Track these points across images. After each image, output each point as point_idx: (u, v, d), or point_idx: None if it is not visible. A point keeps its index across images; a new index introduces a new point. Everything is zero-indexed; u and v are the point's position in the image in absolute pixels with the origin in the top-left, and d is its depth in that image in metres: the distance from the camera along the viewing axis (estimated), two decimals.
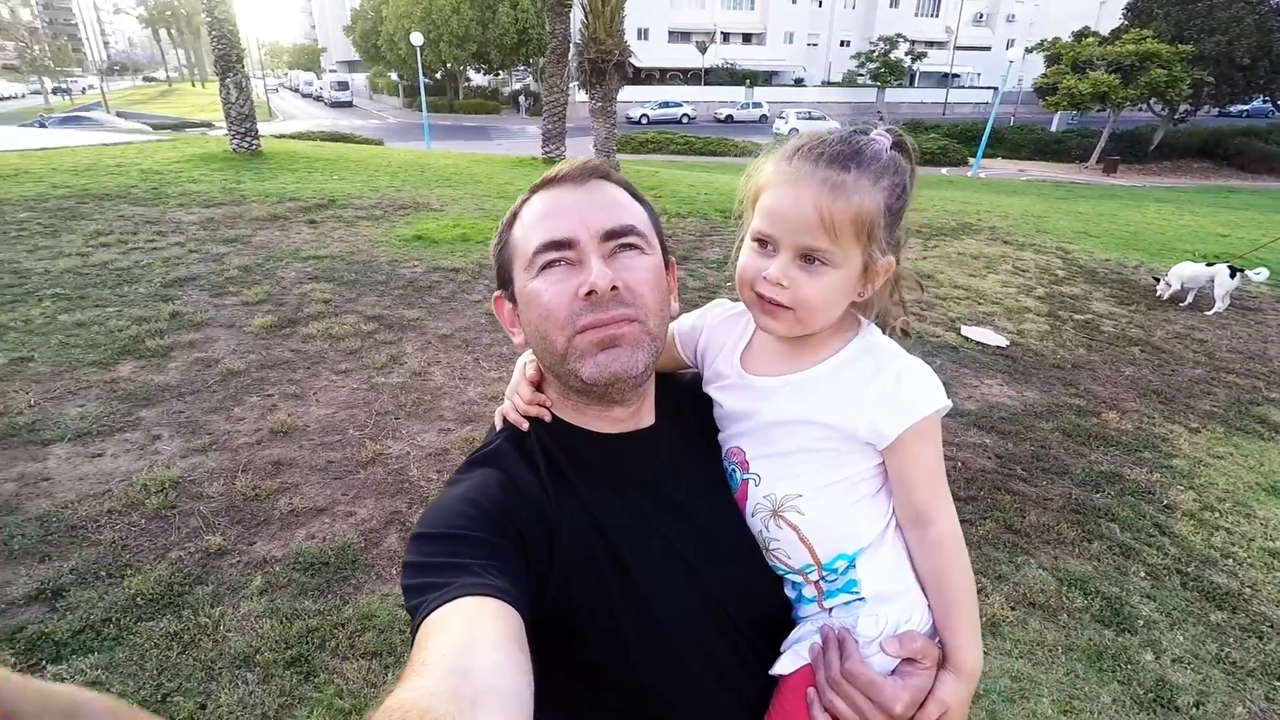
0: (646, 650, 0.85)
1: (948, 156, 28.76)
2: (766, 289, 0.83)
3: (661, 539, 0.89)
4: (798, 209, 0.80)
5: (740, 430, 0.93)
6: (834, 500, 0.87)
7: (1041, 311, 7.49)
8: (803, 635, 0.90)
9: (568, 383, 0.90)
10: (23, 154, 11.68)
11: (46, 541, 3.09)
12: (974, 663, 0.83)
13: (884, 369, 0.84)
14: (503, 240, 0.95)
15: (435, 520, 0.82)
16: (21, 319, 5.24)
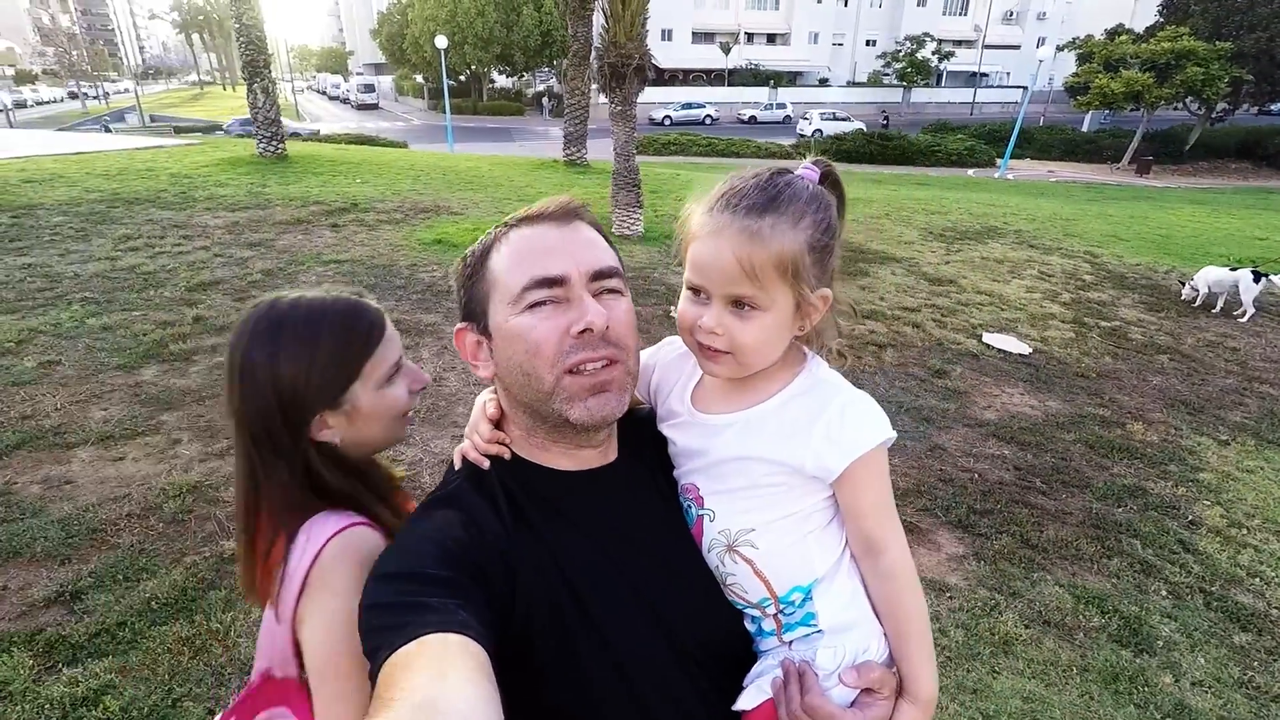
0: (605, 689, 0.85)
1: (974, 157, 28.28)
2: (704, 337, 0.85)
3: (623, 577, 0.89)
4: (720, 260, 0.82)
5: (693, 467, 0.94)
6: (787, 534, 0.88)
7: (1067, 318, 7.34)
8: (764, 670, 0.91)
9: (548, 420, 0.90)
10: (58, 158, 12.01)
11: (68, 544, 3.16)
12: (930, 691, 0.85)
13: (829, 404, 0.86)
14: (475, 272, 0.93)
15: (394, 561, 0.81)
16: (51, 323, 5.38)
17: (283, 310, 0.99)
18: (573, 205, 0.92)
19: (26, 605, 2.81)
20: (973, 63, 56.14)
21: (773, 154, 27.92)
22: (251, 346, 0.97)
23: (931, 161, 27.68)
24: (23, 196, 9.27)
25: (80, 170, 11.09)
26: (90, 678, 2.48)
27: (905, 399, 5.11)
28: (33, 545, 3.13)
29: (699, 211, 0.86)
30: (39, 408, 4.23)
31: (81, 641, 2.64)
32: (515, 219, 0.92)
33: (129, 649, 2.63)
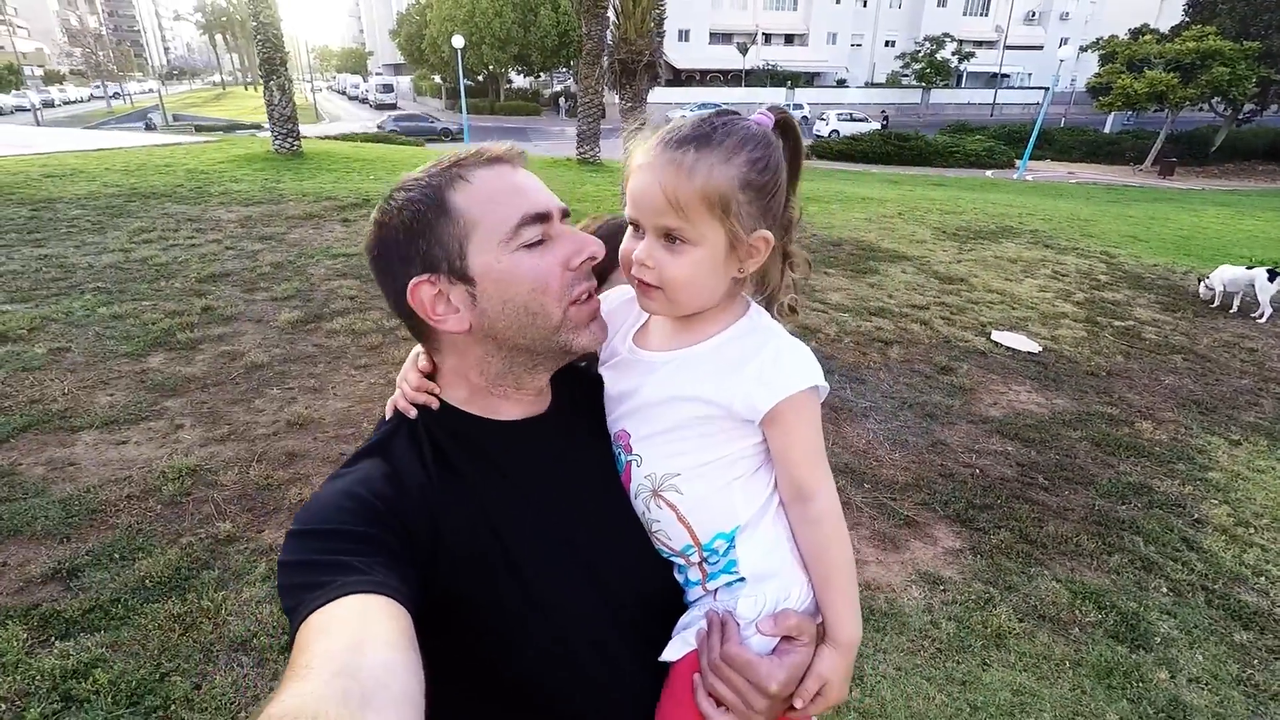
0: (536, 644, 0.84)
1: (993, 158, 27.99)
2: (636, 270, 0.85)
3: (553, 528, 0.88)
4: (649, 191, 0.81)
5: (626, 410, 0.94)
6: (712, 479, 0.88)
7: (1079, 317, 7.24)
8: (690, 621, 0.91)
9: (542, 355, 0.89)
10: (79, 154, 12.24)
11: (68, 524, 3.21)
12: (851, 635, 0.85)
13: (764, 347, 0.86)
14: (429, 214, 0.84)
15: (313, 517, 0.78)
16: (63, 311, 5.47)
17: None
18: (516, 149, 0.91)
19: (24, 581, 2.86)
20: (994, 63, 55.58)
21: None
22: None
23: (950, 163, 27.42)
24: (43, 190, 9.45)
25: (100, 166, 11.29)
26: (81, 651, 2.51)
27: (909, 395, 5.06)
28: (33, 524, 3.18)
29: (638, 146, 0.85)
30: (46, 392, 4.30)
31: (75, 617, 2.68)
32: (461, 161, 0.88)
33: (121, 625, 2.67)
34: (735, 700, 0.82)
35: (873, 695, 2.48)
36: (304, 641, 0.63)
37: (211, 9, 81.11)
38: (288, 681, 0.57)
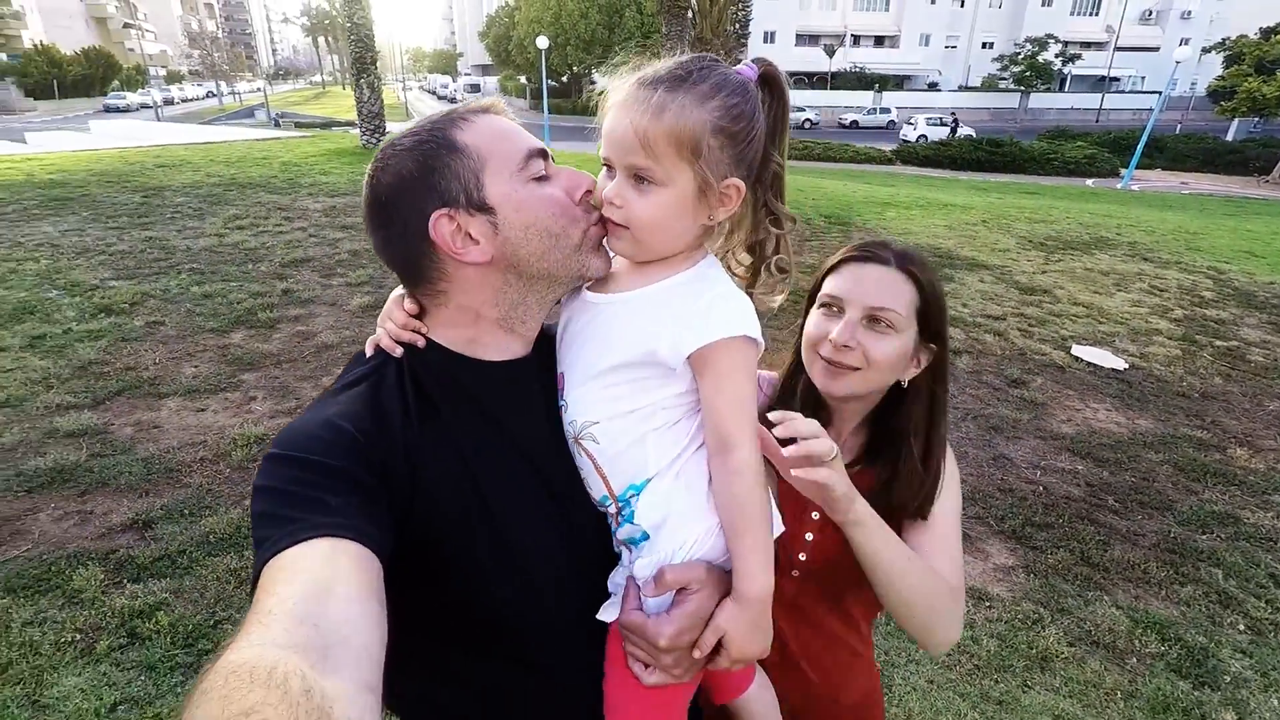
0: (505, 584, 0.85)
1: (1095, 167, 26.25)
2: (605, 208, 0.87)
3: (527, 472, 0.89)
4: (619, 128, 0.82)
5: (567, 356, 0.94)
6: (629, 429, 0.87)
7: (1175, 335, 6.72)
8: (619, 584, 0.92)
9: (560, 280, 0.91)
10: (189, 147, 13.24)
11: (147, 480, 3.48)
12: (758, 589, 0.84)
13: (701, 295, 0.85)
14: (443, 155, 0.85)
15: (295, 442, 0.77)
16: (161, 289, 5.93)
17: None
18: (501, 104, 0.94)
19: (106, 528, 3.11)
20: (1102, 66, 52.28)
21: (872, 159, 27.05)
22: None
23: (1047, 170, 25.93)
24: (154, 179, 10.27)
25: (206, 157, 12.17)
26: (148, 594, 2.73)
27: (974, 406, 4.83)
28: (118, 478, 3.46)
29: (615, 86, 0.86)
30: (140, 361, 4.67)
31: (146, 563, 2.90)
32: (455, 111, 0.90)
33: (184, 574, 2.87)
34: (649, 659, 0.85)
35: (900, 706, 2.38)
36: (269, 583, 0.62)
37: (316, 12, 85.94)
38: (249, 626, 0.56)
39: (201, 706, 0.46)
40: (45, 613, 2.61)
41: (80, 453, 3.62)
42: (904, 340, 1.08)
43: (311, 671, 0.50)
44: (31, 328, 5.06)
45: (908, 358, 1.10)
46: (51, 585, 2.75)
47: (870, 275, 1.10)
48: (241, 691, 0.46)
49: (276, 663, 0.49)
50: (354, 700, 0.52)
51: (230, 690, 0.46)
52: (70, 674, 2.36)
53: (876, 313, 1.07)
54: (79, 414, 3.97)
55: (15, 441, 3.69)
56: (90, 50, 58.15)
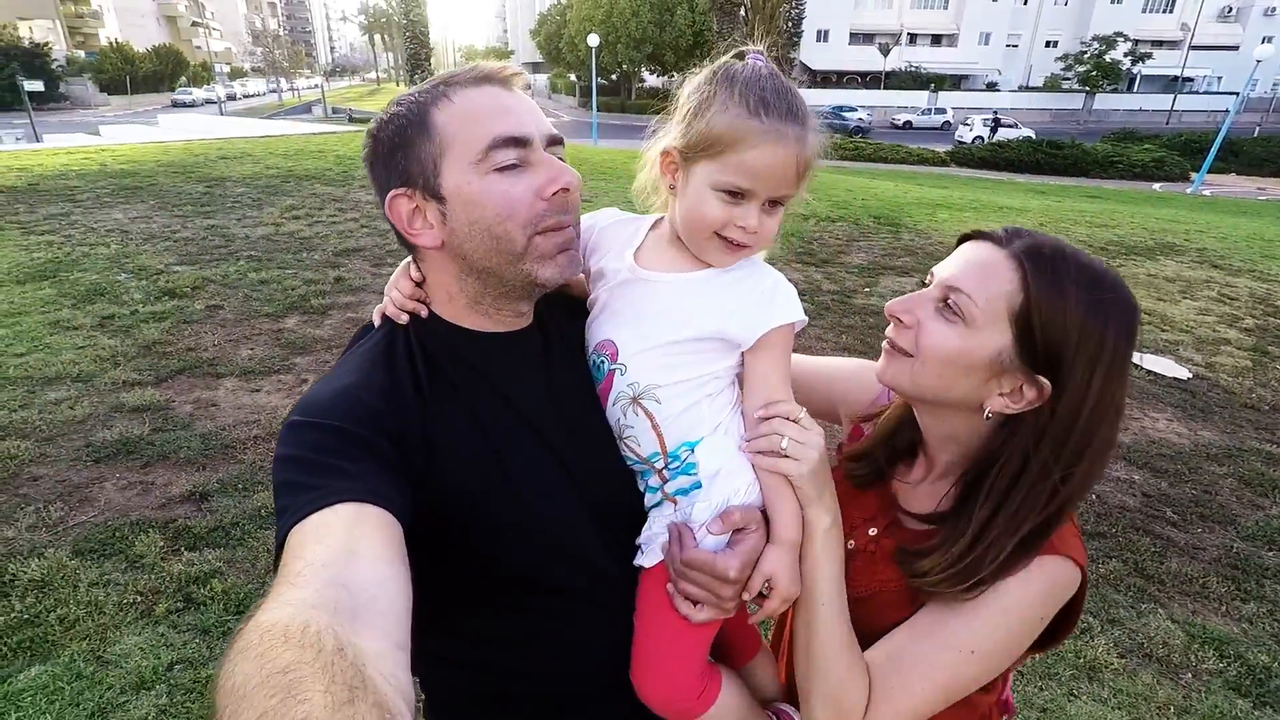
0: (523, 542, 0.88)
1: (1164, 170, 25.12)
2: (742, 236, 0.89)
3: (535, 434, 0.91)
4: (782, 165, 0.86)
5: (618, 323, 0.97)
6: (688, 394, 0.94)
7: (1245, 345, 6.40)
8: (655, 532, 0.98)
9: (508, 283, 0.89)
10: (250, 140, 13.72)
11: (205, 455, 3.62)
12: (790, 534, 0.92)
13: (764, 280, 0.95)
14: (410, 130, 0.85)
15: (314, 409, 0.79)
16: (221, 274, 6.17)
17: None
18: (511, 70, 0.90)
19: (166, 499, 3.26)
20: (1175, 65, 50.02)
21: (925, 160, 26.42)
22: None
23: (1111, 173, 24.94)
24: (217, 170, 10.69)
25: (265, 150, 12.62)
26: (204, 563, 2.85)
27: None
28: (178, 452, 3.62)
29: (735, 113, 0.85)
30: (200, 342, 4.87)
31: (202, 533, 3.03)
32: (453, 79, 0.88)
33: (237, 545, 2.98)
34: (705, 595, 0.90)
35: None
36: (296, 546, 0.63)
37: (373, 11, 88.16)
38: (280, 587, 0.57)
39: (239, 664, 0.47)
40: (109, 575, 2.75)
41: (144, 427, 3.80)
42: (973, 340, 0.87)
43: (343, 630, 0.51)
44: (102, 308, 5.32)
45: (981, 369, 0.88)
46: (116, 550, 2.89)
47: (968, 253, 0.92)
48: (277, 650, 0.47)
49: (309, 622, 0.50)
50: (385, 657, 0.54)
51: (266, 649, 0.47)
52: (131, 633, 2.48)
53: (948, 292, 0.89)
54: (143, 390, 4.16)
55: (85, 414, 3.89)
56: (161, 48, 60.79)
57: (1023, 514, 0.85)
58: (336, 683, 0.44)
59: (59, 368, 4.37)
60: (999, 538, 0.85)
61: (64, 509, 3.12)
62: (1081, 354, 0.83)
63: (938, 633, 0.88)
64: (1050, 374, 0.85)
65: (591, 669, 0.97)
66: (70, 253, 6.58)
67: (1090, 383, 0.83)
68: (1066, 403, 0.84)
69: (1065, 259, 0.86)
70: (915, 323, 0.91)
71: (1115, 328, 0.83)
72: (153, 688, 2.27)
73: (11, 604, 2.56)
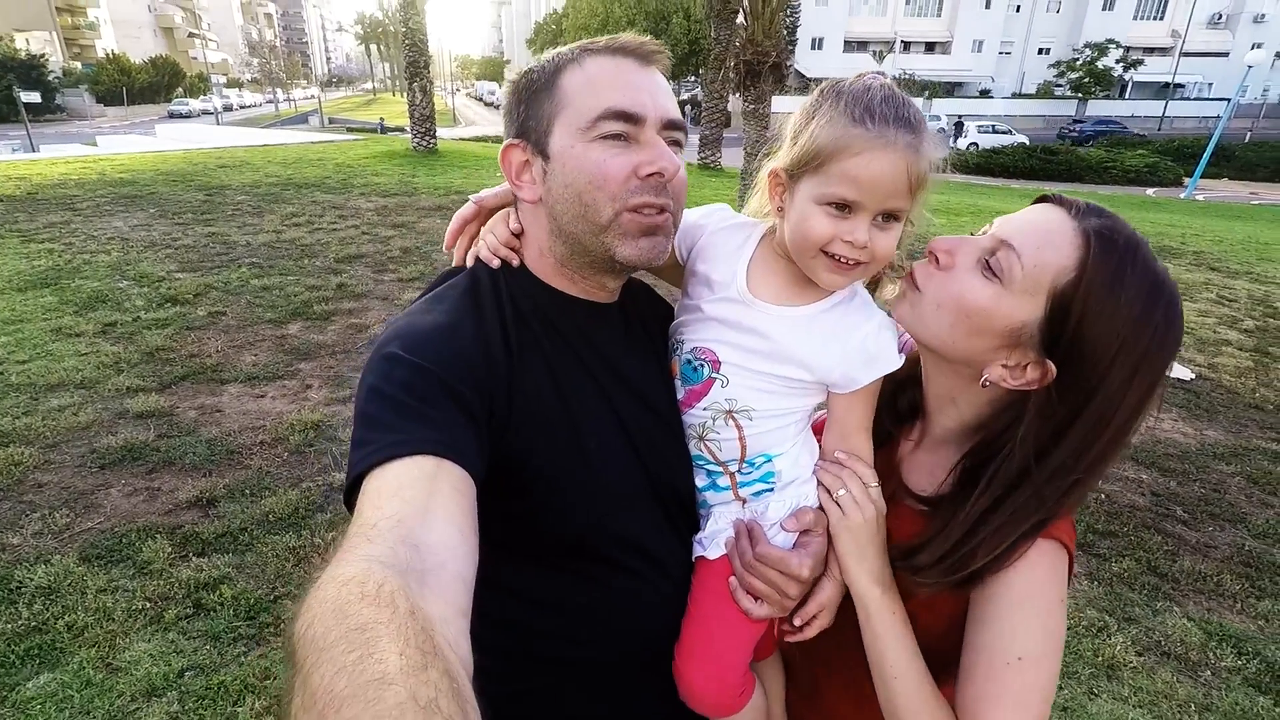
0: (582, 505, 0.88)
1: (1157, 175, 25.33)
2: (851, 251, 0.85)
3: (610, 408, 0.91)
4: (891, 174, 0.81)
5: (723, 338, 0.96)
6: (778, 418, 0.96)
7: (1246, 346, 6.43)
8: (720, 527, 0.99)
9: (591, 254, 0.89)
10: (249, 149, 13.74)
11: (211, 461, 3.60)
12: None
13: (867, 321, 0.93)
14: (541, 89, 0.88)
15: (409, 344, 0.79)
16: (223, 281, 6.16)
17: None
18: (654, 46, 0.90)
19: (173, 505, 3.23)
20: (1166, 72, 50.43)
21: None
22: None
23: (1105, 179, 25.12)
24: (217, 179, 10.71)
25: (264, 159, 12.65)
26: (213, 568, 2.82)
27: None
28: (184, 458, 3.59)
29: (838, 123, 0.82)
30: (204, 349, 4.85)
31: (210, 539, 3.00)
32: (595, 45, 0.90)
33: (246, 550, 2.96)
34: (770, 592, 0.91)
35: None
36: (373, 494, 0.65)
37: (369, 21, 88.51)
38: (355, 539, 0.59)
39: (319, 615, 0.48)
40: (117, 581, 2.72)
41: (149, 433, 3.77)
42: (1002, 303, 0.82)
43: (414, 593, 0.52)
44: (104, 315, 5.30)
45: (995, 335, 0.83)
46: (123, 556, 2.87)
47: (1036, 214, 0.87)
48: (355, 605, 0.48)
49: (384, 581, 0.51)
50: (449, 623, 0.55)
51: (344, 603, 0.48)
52: (141, 640, 2.45)
53: (999, 245, 0.84)
54: (147, 397, 4.14)
55: (89, 421, 3.86)
56: (158, 59, 60.90)
57: (1030, 508, 0.81)
58: (411, 645, 0.45)
59: (61, 374, 4.34)
60: (999, 530, 0.81)
61: (70, 515, 3.10)
62: (1124, 358, 0.78)
63: (980, 665, 0.82)
64: (1073, 367, 0.80)
65: (626, 644, 0.96)
66: (71, 260, 6.56)
67: (1128, 389, 0.79)
68: (1099, 405, 0.79)
69: (1137, 255, 0.80)
70: (951, 265, 0.87)
71: (1161, 341, 0.79)
72: (164, 695, 2.24)
73: (19, 611, 2.53)
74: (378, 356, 0.79)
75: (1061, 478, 0.81)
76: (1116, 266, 0.78)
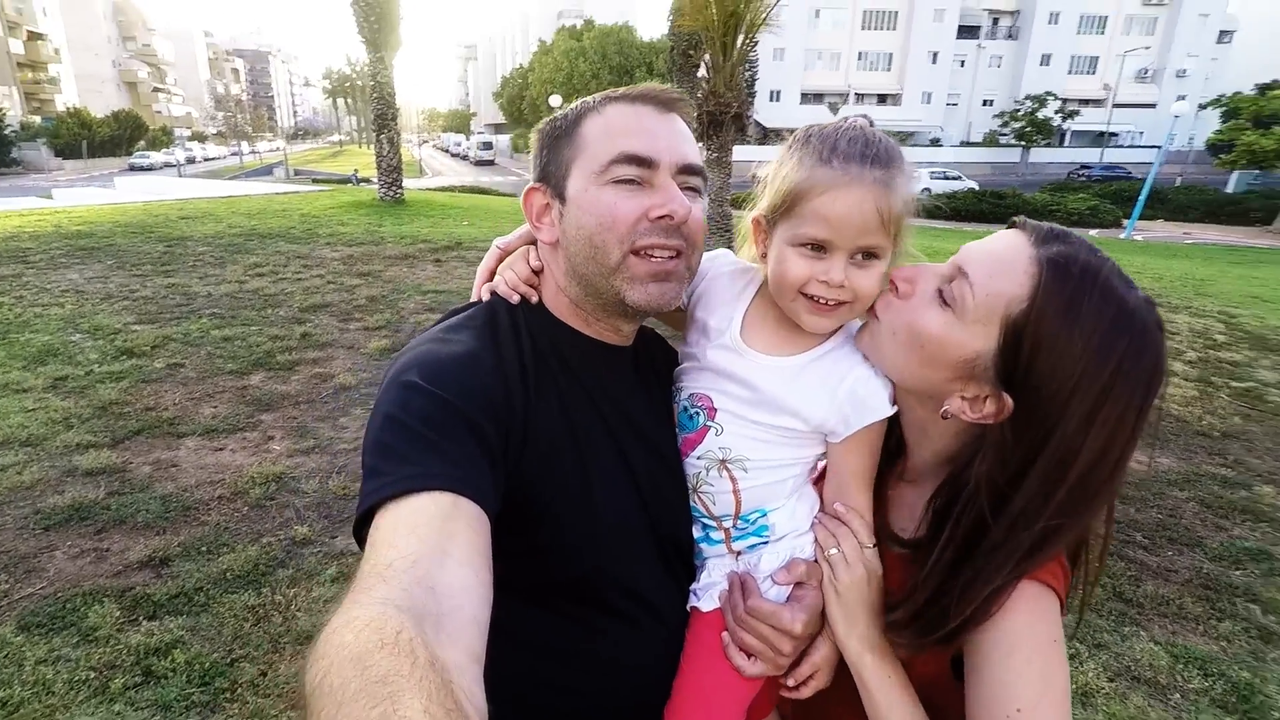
0: (585, 548, 0.87)
1: (1098, 218, 26.59)
2: (828, 291, 0.84)
3: (618, 450, 0.91)
4: (859, 211, 0.81)
5: (718, 386, 0.95)
6: (775, 471, 0.94)
7: (1190, 376, 6.68)
8: (714, 580, 0.97)
9: (602, 296, 0.90)
10: (212, 200, 13.63)
11: (164, 518, 3.46)
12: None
13: (853, 369, 0.90)
14: (563, 135, 0.91)
15: (428, 373, 0.78)
16: (182, 332, 6.03)
17: None
18: (674, 95, 0.92)
19: (122, 565, 3.09)
20: (1100, 122, 53.40)
21: None
22: None
23: (1050, 221, 26.12)
24: (178, 230, 10.56)
25: (228, 210, 12.54)
26: (164, 632, 2.69)
27: None
28: (136, 516, 3.45)
29: (807, 164, 0.83)
30: (160, 402, 4.71)
31: (162, 600, 2.87)
32: (616, 94, 0.92)
33: (201, 611, 2.83)
34: (763, 648, 0.88)
35: None
36: (388, 531, 0.64)
37: (337, 76, 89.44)
38: (369, 579, 0.58)
39: (336, 664, 0.47)
40: (59, 651, 2.58)
41: (98, 491, 3.63)
42: (955, 333, 0.80)
43: (430, 639, 0.52)
44: (55, 370, 5.12)
45: (949, 366, 0.81)
46: (66, 623, 2.72)
47: (996, 240, 0.84)
48: (374, 655, 0.47)
49: (401, 627, 0.50)
50: (464, 671, 0.54)
51: (363, 652, 0.48)
52: (83, 713, 2.31)
53: (956, 273, 0.82)
54: (98, 453, 3.99)
55: (34, 480, 3.70)
56: (120, 112, 60.39)
57: (1000, 561, 0.76)
58: (434, 701, 0.45)
59: (6, 432, 4.17)
60: (969, 586, 0.76)
61: (8, 581, 2.94)
62: (1083, 393, 0.73)
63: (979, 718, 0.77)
64: (1029, 402, 0.76)
65: (618, 694, 0.94)
66: (21, 314, 6.37)
67: (1088, 431, 0.73)
68: (1058, 444, 0.75)
69: (1094, 282, 0.75)
70: (910, 294, 0.85)
71: (1127, 378, 0.73)
72: None
73: None
74: (395, 384, 0.78)
75: (1026, 526, 0.75)
76: (1071, 295, 0.74)
